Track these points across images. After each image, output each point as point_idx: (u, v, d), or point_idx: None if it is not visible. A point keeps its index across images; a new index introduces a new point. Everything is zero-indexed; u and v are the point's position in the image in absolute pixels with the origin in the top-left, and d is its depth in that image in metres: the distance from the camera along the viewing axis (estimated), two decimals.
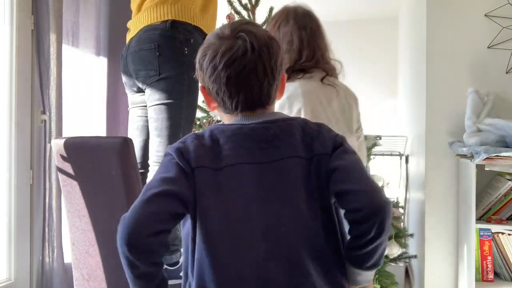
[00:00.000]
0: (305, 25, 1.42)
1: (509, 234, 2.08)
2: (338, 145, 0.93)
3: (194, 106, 1.80)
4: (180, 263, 1.73)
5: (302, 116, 1.42)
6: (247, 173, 0.88)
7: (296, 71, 1.41)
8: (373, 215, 0.84)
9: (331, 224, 0.92)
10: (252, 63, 0.89)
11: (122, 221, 0.85)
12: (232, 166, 0.88)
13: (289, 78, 1.41)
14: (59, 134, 2.08)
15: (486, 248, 2.06)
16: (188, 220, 0.90)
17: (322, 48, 1.44)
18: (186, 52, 1.72)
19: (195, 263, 0.89)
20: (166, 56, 1.70)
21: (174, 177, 0.86)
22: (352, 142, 1.40)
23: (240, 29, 0.91)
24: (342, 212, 0.93)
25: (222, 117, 0.99)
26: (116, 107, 2.56)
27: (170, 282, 1.73)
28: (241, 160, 0.88)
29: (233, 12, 2.20)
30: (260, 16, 2.22)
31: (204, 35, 1.81)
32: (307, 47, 1.41)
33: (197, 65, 0.96)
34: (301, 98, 1.37)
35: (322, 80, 1.39)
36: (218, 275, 0.85)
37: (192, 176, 0.87)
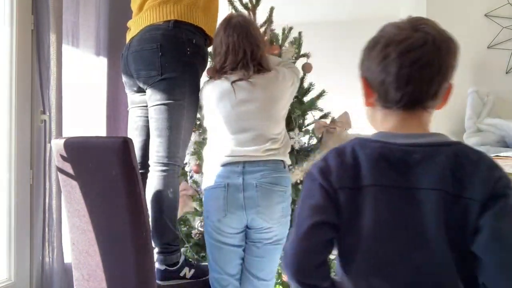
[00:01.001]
0: (233, 33, 1.62)
1: None
2: (499, 194, 0.78)
3: (195, 106, 1.79)
4: (180, 263, 1.73)
5: (216, 117, 1.66)
6: (383, 197, 0.84)
7: (221, 73, 1.65)
8: None
9: (470, 279, 0.82)
10: (430, 55, 0.83)
11: (285, 256, 0.89)
12: (369, 187, 0.85)
13: (212, 78, 1.68)
14: (59, 134, 2.08)
15: None
16: None
17: (253, 49, 1.63)
18: (188, 52, 1.72)
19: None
20: (169, 56, 1.69)
21: (321, 203, 0.87)
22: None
23: (422, 22, 0.86)
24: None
25: (375, 114, 0.93)
26: (116, 107, 2.56)
27: (170, 282, 1.74)
28: (378, 182, 0.85)
29: (233, 12, 2.19)
30: (261, 16, 2.22)
31: (205, 35, 1.81)
32: (232, 53, 1.62)
33: (362, 54, 0.92)
34: (214, 102, 1.66)
35: (233, 82, 1.62)
36: None
37: (335, 197, 0.87)
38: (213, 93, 1.69)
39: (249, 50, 1.64)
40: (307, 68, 2.19)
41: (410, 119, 0.88)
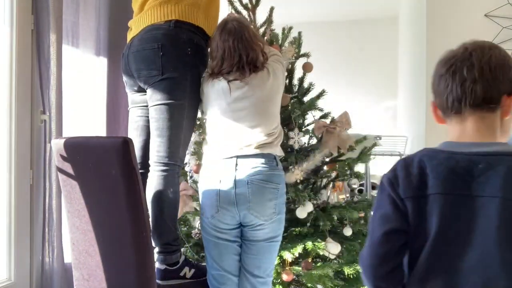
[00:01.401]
0: (228, 37, 1.68)
1: None
2: None
3: (196, 106, 1.79)
4: (180, 263, 1.73)
5: (212, 114, 1.74)
6: (447, 204, 0.92)
7: (217, 74, 1.71)
8: None
9: None
10: (467, 60, 0.95)
11: (361, 261, 1.01)
12: (434, 195, 0.93)
13: (210, 76, 1.74)
14: (59, 134, 2.08)
15: None
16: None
17: (248, 53, 1.68)
18: (189, 52, 1.72)
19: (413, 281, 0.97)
20: (170, 56, 1.69)
21: (390, 213, 0.97)
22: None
23: (470, 41, 0.99)
24: None
25: (450, 130, 1.02)
26: (116, 107, 2.56)
27: (170, 282, 1.74)
28: (443, 191, 0.93)
29: (233, 12, 2.19)
30: (261, 16, 2.22)
31: (206, 35, 1.81)
32: (228, 57, 1.68)
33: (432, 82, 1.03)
34: (211, 100, 1.73)
35: (229, 81, 1.68)
36: None
37: (403, 205, 0.96)
38: (210, 91, 1.73)
39: (245, 54, 1.68)
40: (307, 67, 2.19)
41: (467, 124, 0.96)
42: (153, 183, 1.72)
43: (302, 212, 1.97)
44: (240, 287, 1.75)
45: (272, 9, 2.20)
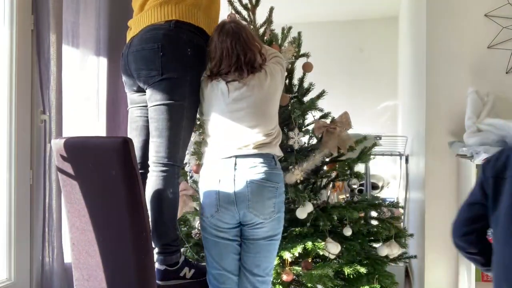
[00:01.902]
0: (226, 38, 1.70)
1: None
2: None
3: (195, 106, 1.79)
4: (179, 264, 1.73)
5: (211, 115, 1.74)
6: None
7: (216, 75, 1.74)
8: None
9: None
10: None
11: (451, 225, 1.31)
12: (510, 178, 1.14)
13: (209, 77, 1.76)
14: (59, 134, 2.08)
15: None
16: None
17: (246, 53, 1.70)
18: (189, 53, 1.72)
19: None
20: (169, 56, 1.69)
21: (476, 189, 1.24)
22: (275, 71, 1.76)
23: None
24: None
25: None
26: (116, 107, 2.56)
27: (170, 282, 1.74)
28: (506, 175, 1.15)
29: (233, 12, 2.20)
30: (260, 16, 2.22)
31: (206, 36, 1.81)
32: (226, 58, 1.70)
33: None
34: (211, 102, 1.75)
35: (228, 82, 1.71)
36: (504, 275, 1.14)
37: (486, 184, 1.19)
38: (210, 93, 1.74)
39: (242, 55, 1.69)
40: (307, 67, 2.19)
41: None
42: (152, 183, 1.72)
43: (302, 212, 1.97)
44: (240, 286, 1.76)
45: (272, 9, 2.21)
